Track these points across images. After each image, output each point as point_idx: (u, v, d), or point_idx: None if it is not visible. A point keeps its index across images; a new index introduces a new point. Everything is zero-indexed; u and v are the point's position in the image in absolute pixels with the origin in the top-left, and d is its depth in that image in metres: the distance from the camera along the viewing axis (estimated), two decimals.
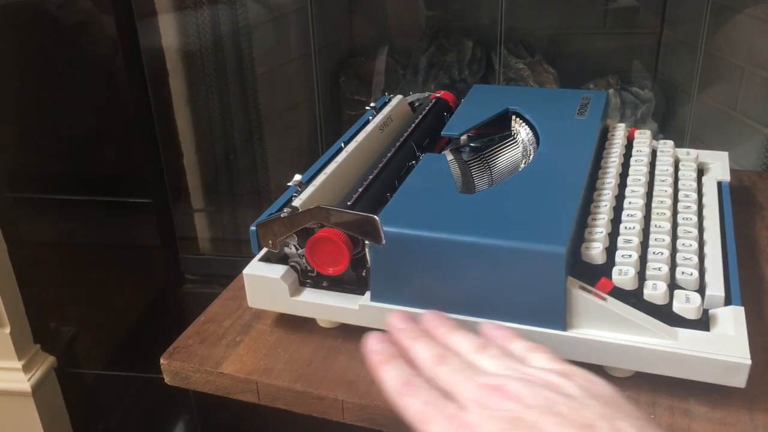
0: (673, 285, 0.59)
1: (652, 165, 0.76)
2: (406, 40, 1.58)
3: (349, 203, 0.65)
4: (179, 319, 0.70)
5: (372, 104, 0.85)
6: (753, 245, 0.75)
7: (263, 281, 0.64)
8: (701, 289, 0.59)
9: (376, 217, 0.55)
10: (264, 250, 0.66)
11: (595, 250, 0.58)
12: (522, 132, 0.78)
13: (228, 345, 0.65)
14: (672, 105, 1.52)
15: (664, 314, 0.56)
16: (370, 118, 0.82)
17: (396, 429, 0.58)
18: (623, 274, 0.57)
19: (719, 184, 0.77)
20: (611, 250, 0.60)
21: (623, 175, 0.73)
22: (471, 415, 0.40)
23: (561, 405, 0.39)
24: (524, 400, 0.40)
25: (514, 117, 0.80)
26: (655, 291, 0.56)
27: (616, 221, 0.65)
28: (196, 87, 1.38)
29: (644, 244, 0.62)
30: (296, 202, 0.64)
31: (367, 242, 0.60)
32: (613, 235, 0.63)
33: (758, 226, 0.78)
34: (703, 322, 0.56)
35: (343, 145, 0.76)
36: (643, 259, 0.60)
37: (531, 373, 0.42)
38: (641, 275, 0.59)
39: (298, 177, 0.69)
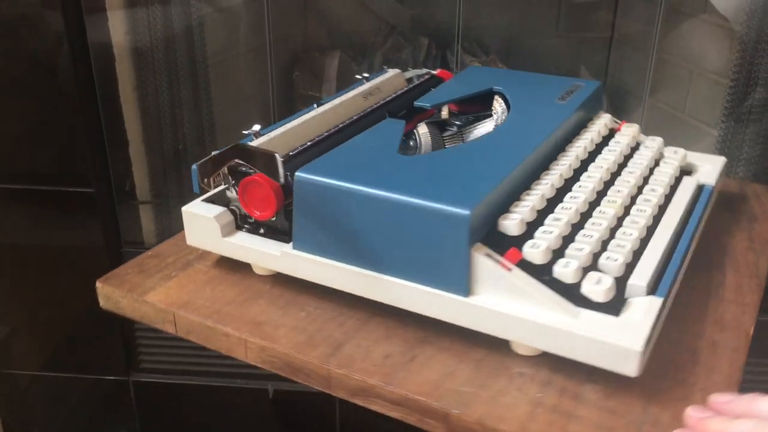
0: (593, 268, 0.56)
1: (629, 158, 0.73)
2: (362, 37, 1.53)
3: (291, 153, 0.65)
4: (121, 319, 0.65)
5: (365, 74, 0.86)
6: (725, 252, 0.70)
7: (199, 220, 0.66)
8: (624, 277, 0.56)
9: (276, 154, 0.55)
10: (211, 192, 0.68)
11: (511, 221, 0.57)
12: (499, 110, 0.76)
13: (162, 278, 0.67)
14: (623, 107, 1.46)
15: (574, 295, 0.54)
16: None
17: (293, 375, 0.58)
18: (534, 247, 0.55)
19: (701, 186, 0.73)
20: (536, 225, 0.58)
21: (588, 161, 0.70)
22: None
23: None
24: None
25: (496, 97, 0.78)
26: (566, 269, 0.54)
27: (557, 201, 0.62)
28: (145, 76, 1.33)
29: (578, 227, 0.60)
30: None
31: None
32: (546, 212, 0.60)
33: (739, 237, 0.73)
34: (614, 307, 0.54)
35: (315, 105, 0.76)
36: (569, 240, 0.58)
37: None
38: (560, 253, 0.56)
39: (256, 127, 0.70)
